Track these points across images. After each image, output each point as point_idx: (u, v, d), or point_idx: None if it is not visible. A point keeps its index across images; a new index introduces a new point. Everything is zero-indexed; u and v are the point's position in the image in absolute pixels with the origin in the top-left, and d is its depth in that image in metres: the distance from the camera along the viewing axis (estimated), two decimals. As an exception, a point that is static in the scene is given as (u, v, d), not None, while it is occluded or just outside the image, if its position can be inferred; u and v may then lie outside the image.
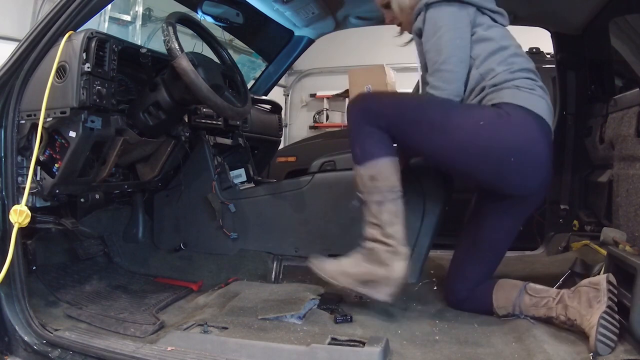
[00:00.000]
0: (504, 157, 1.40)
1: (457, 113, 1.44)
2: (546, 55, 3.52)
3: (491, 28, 1.52)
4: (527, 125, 1.41)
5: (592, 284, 1.35)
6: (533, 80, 1.48)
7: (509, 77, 1.46)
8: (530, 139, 1.41)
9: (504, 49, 1.49)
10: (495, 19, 1.55)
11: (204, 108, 2.11)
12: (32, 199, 1.55)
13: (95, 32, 1.48)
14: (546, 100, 1.48)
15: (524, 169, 1.42)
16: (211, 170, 2.10)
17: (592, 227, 2.17)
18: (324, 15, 2.36)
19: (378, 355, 1.18)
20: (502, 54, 1.49)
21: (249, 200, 2.08)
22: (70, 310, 1.61)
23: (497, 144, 1.39)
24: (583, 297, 1.34)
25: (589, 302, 1.32)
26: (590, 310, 1.30)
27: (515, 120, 1.39)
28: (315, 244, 1.97)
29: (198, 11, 2.16)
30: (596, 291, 1.33)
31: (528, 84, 1.46)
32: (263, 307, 1.52)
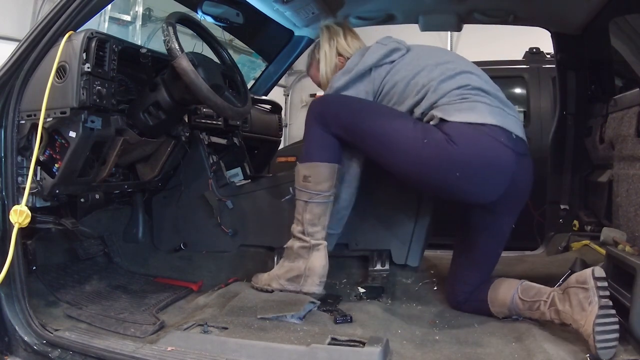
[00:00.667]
0: (449, 173, 1.41)
1: (404, 129, 1.47)
2: (546, 55, 3.52)
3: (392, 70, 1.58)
4: (466, 139, 1.40)
5: (580, 282, 1.30)
6: (461, 88, 1.48)
7: (431, 100, 1.49)
8: (472, 152, 1.40)
9: (413, 79, 1.54)
10: (392, 60, 1.60)
11: (204, 108, 2.11)
12: (32, 199, 1.54)
13: (95, 32, 1.48)
14: (480, 101, 1.46)
15: (476, 180, 1.42)
16: (207, 168, 2.11)
17: (592, 227, 2.17)
18: (324, 15, 2.36)
19: (378, 355, 1.18)
20: (413, 84, 1.53)
21: (245, 196, 2.09)
22: (70, 310, 1.61)
23: (441, 163, 1.41)
24: (573, 299, 1.30)
25: (581, 305, 1.27)
26: (584, 314, 1.25)
27: (452, 139, 1.40)
28: None
29: (198, 11, 2.16)
30: (585, 291, 1.28)
31: (455, 95, 1.47)
32: (263, 307, 1.52)
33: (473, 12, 2.22)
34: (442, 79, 1.50)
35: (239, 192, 2.12)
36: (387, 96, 1.60)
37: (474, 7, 2.18)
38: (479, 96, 1.48)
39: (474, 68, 1.58)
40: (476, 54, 4.38)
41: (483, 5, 2.18)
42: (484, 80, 1.55)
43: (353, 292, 1.80)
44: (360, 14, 2.37)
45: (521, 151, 1.48)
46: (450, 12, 2.27)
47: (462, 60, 1.61)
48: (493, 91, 1.52)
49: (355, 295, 1.76)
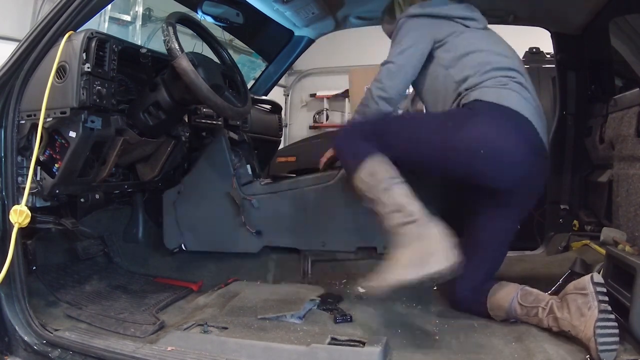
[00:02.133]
0: (474, 150, 1.43)
1: (428, 123, 1.57)
2: (546, 55, 3.52)
3: (462, 34, 1.64)
4: (494, 117, 1.46)
5: (578, 289, 1.31)
6: (508, 77, 1.54)
7: (480, 79, 1.53)
8: (497, 130, 1.45)
9: (474, 53, 1.59)
10: (467, 24, 1.67)
11: (204, 108, 2.10)
12: (32, 199, 1.55)
13: (95, 32, 1.48)
14: (520, 94, 1.51)
15: (496, 159, 1.45)
16: (230, 165, 2.04)
17: (592, 227, 2.17)
18: (324, 15, 2.36)
19: (378, 355, 1.18)
20: (472, 57, 1.59)
21: (272, 196, 2.02)
22: (70, 310, 1.61)
23: (465, 140, 1.45)
24: (572, 305, 1.29)
25: (580, 311, 1.27)
26: (583, 320, 1.25)
27: (481, 114, 1.46)
28: (343, 238, 1.96)
29: (198, 11, 2.16)
30: (584, 296, 1.28)
31: (499, 82, 1.52)
32: (263, 307, 1.52)
33: (473, 12, 2.22)
34: (496, 67, 1.56)
35: (266, 191, 2.04)
36: (444, 51, 1.64)
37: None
38: (522, 91, 1.52)
39: (524, 71, 1.64)
40: (476, 54, 4.39)
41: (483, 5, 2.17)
42: (529, 83, 1.60)
43: (353, 292, 1.80)
44: (360, 14, 2.36)
45: (540, 152, 1.52)
46: (450, 12, 2.27)
47: (518, 59, 1.67)
48: (534, 95, 1.57)
49: (355, 295, 1.76)
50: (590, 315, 1.24)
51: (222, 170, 2.04)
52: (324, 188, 1.98)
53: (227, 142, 2.07)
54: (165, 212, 2.10)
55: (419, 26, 1.67)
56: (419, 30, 1.67)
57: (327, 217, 1.97)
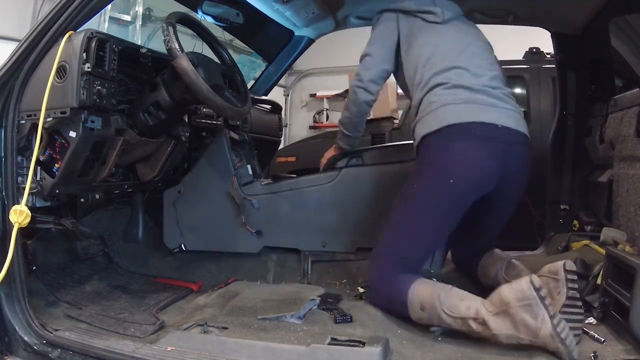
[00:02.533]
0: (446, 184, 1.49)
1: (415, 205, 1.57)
2: (546, 55, 3.52)
3: (419, 32, 1.70)
4: (447, 150, 1.50)
5: (551, 273, 1.37)
6: (445, 86, 1.56)
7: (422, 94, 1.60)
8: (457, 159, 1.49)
9: (422, 56, 1.64)
10: (426, 19, 1.72)
11: (204, 108, 2.10)
12: (32, 199, 1.55)
13: (95, 32, 1.48)
14: (457, 102, 1.52)
15: (471, 180, 1.50)
16: (231, 165, 2.03)
17: (592, 227, 2.17)
18: (324, 15, 2.36)
19: (378, 355, 1.18)
20: (421, 60, 1.64)
21: (272, 196, 2.02)
22: (70, 310, 1.61)
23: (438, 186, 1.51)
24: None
25: (550, 294, 1.32)
26: (552, 302, 1.30)
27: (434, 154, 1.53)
28: (344, 238, 1.97)
29: (198, 11, 2.16)
30: (555, 281, 1.35)
31: (440, 98, 1.54)
32: (263, 307, 1.52)
33: (473, 12, 2.22)
34: (438, 71, 1.59)
35: (266, 191, 2.03)
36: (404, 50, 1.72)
37: (474, 7, 2.18)
38: (456, 95, 1.54)
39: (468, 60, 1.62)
40: (476, 54, 4.39)
41: (483, 5, 2.18)
42: (473, 72, 1.59)
43: (353, 292, 1.81)
44: (360, 14, 2.36)
45: (511, 140, 1.54)
46: (450, 12, 2.26)
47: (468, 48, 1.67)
48: (477, 84, 1.56)
49: (355, 295, 1.76)
50: (559, 300, 1.31)
51: (222, 170, 2.03)
52: (324, 188, 1.98)
53: (228, 142, 2.07)
54: (165, 212, 2.10)
55: (385, 20, 1.77)
56: (384, 23, 1.76)
57: (328, 218, 1.97)
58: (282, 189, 2.03)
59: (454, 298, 1.40)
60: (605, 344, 1.29)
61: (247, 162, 2.24)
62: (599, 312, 1.45)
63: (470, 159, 1.48)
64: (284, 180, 2.07)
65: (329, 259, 2.01)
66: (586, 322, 1.43)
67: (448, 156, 1.49)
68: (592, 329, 1.38)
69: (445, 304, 1.38)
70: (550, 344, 1.22)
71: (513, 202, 1.69)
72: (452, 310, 1.37)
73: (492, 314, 1.31)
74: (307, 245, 2.00)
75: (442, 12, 1.71)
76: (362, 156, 1.99)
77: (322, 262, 2.00)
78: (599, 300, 1.47)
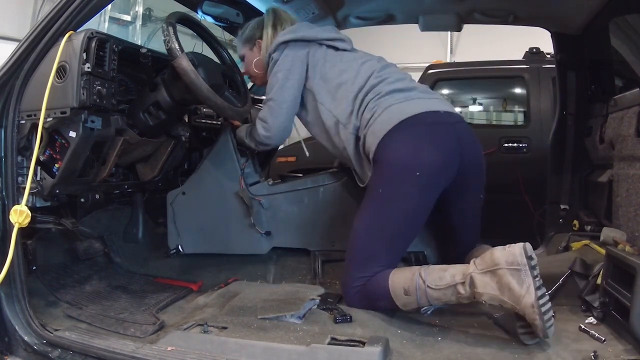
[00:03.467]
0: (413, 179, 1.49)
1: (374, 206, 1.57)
2: (546, 55, 3.52)
3: (332, 59, 1.72)
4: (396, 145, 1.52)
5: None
6: (378, 95, 1.60)
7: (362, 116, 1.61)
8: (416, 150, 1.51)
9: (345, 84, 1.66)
10: (336, 46, 1.74)
11: (204, 108, 2.10)
12: (32, 199, 1.54)
13: (96, 32, 1.48)
14: (396, 103, 1.57)
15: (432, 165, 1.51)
16: (237, 165, 2.00)
17: (592, 227, 2.17)
18: (324, 15, 2.36)
19: (378, 355, 1.18)
20: (345, 90, 1.65)
21: (281, 196, 2.00)
22: (70, 310, 1.61)
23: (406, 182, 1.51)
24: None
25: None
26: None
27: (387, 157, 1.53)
28: None
29: (198, 11, 2.16)
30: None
31: (373, 110, 1.58)
32: (263, 307, 1.52)
33: (473, 12, 2.22)
34: (365, 92, 1.63)
35: (274, 191, 2.01)
36: (318, 81, 1.70)
37: (474, 7, 2.18)
38: (393, 97, 1.59)
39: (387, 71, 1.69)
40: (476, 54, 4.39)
41: (483, 5, 2.18)
42: (396, 78, 1.66)
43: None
44: (360, 14, 2.37)
45: (454, 120, 1.61)
46: (450, 12, 2.27)
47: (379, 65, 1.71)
48: (406, 86, 1.65)
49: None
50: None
51: (229, 170, 2.00)
52: (333, 187, 1.98)
53: (234, 141, 2.03)
54: (169, 214, 2.05)
55: (290, 55, 1.70)
56: (289, 59, 1.70)
57: (337, 216, 1.96)
58: (290, 189, 2.01)
59: (436, 271, 1.41)
60: (606, 344, 1.29)
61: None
62: (599, 312, 1.45)
63: (430, 146, 1.52)
64: (292, 180, 2.07)
65: (339, 258, 2.00)
66: (586, 322, 1.43)
67: (408, 151, 1.51)
68: (592, 328, 1.38)
69: (429, 280, 1.39)
70: (529, 315, 1.23)
71: (479, 185, 1.69)
72: (437, 283, 1.38)
73: (480, 272, 1.32)
74: (316, 245, 1.99)
75: (349, 40, 1.77)
76: None
77: (332, 261, 2.00)
78: (599, 300, 1.47)
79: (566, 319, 1.47)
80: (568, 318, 1.47)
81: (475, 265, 1.35)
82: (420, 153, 1.50)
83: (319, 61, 1.71)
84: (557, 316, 1.46)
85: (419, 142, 1.52)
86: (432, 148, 1.51)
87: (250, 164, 2.09)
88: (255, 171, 2.11)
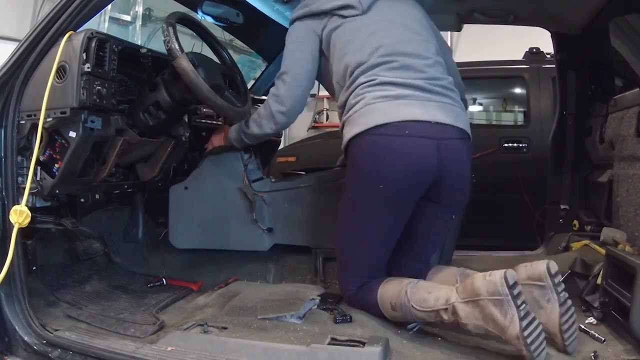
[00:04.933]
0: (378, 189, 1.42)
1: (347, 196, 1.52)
2: (546, 55, 3.52)
3: (338, 30, 1.56)
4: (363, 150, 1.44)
5: (533, 279, 1.26)
6: (369, 85, 1.46)
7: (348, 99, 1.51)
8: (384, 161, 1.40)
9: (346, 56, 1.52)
10: (343, 14, 1.56)
11: (204, 108, 2.10)
12: (32, 199, 1.54)
13: (95, 32, 1.48)
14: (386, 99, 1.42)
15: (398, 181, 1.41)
16: (240, 160, 1.98)
17: (592, 227, 2.17)
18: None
19: (378, 355, 1.18)
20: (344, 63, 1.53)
21: (283, 193, 1.99)
22: (70, 310, 1.61)
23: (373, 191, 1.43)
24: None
25: (536, 302, 1.24)
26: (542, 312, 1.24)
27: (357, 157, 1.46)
28: None
29: (198, 11, 2.16)
30: (541, 288, 1.25)
31: (358, 98, 1.46)
32: (263, 307, 1.52)
33: (473, 12, 2.22)
34: (360, 72, 1.49)
35: (277, 188, 2.00)
36: (328, 53, 1.60)
37: (474, 7, 2.18)
38: (383, 91, 1.44)
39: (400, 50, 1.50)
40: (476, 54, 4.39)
41: (483, 5, 2.18)
42: (403, 64, 1.47)
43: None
44: (360, 14, 2.36)
45: (446, 136, 1.42)
46: (450, 12, 2.27)
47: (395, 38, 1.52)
48: (408, 78, 1.46)
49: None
50: (551, 308, 1.23)
51: (232, 166, 1.99)
52: (336, 185, 1.98)
53: None
54: (171, 209, 2.03)
55: (301, 28, 1.63)
56: (302, 32, 1.62)
57: None
58: (293, 186, 2.01)
59: (421, 291, 1.36)
60: (606, 344, 1.29)
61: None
62: (599, 312, 1.45)
63: (397, 161, 1.39)
64: (295, 178, 2.06)
65: None
66: (586, 322, 1.43)
67: (374, 161, 1.41)
68: (592, 328, 1.38)
69: (414, 299, 1.35)
70: (515, 345, 1.18)
71: (454, 207, 1.57)
72: (421, 305, 1.34)
73: (462, 301, 1.26)
74: (318, 243, 1.99)
75: (360, 2, 1.55)
76: None
77: (334, 260, 2.00)
78: (599, 300, 1.47)
79: (566, 319, 1.46)
80: (568, 318, 1.47)
81: (457, 293, 1.28)
82: (384, 167, 1.40)
83: (332, 32, 1.59)
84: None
85: (387, 154, 1.40)
86: (398, 163, 1.39)
87: (254, 161, 2.08)
88: (258, 168, 2.10)
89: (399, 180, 1.40)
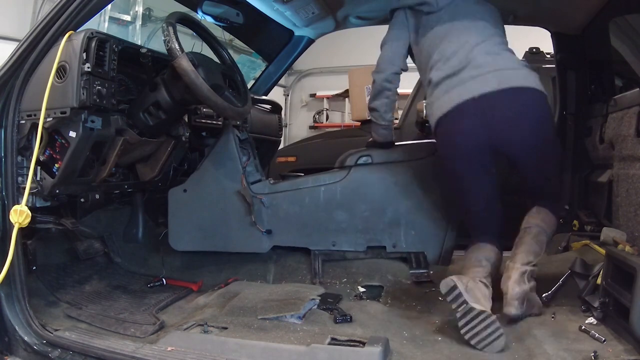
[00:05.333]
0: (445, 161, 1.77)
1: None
2: (546, 55, 3.52)
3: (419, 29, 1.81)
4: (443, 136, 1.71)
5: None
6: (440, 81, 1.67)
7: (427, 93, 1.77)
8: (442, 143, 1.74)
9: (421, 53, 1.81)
10: (422, 10, 1.79)
11: (204, 108, 2.10)
12: (32, 199, 1.54)
13: (95, 32, 1.48)
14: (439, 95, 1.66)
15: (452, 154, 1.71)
16: (239, 163, 2.00)
17: (592, 227, 2.17)
18: (324, 15, 2.36)
19: (378, 355, 1.18)
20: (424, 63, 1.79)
21: (282, 195, 2.01)
22: (70, 310, 1.61)
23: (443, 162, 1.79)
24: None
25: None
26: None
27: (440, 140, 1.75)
28: (353, 237, 1.98)
29: (198, 11, 2.16)
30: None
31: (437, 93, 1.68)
32: (263, 307, 1.52)
33: (473, 12, 2.21)
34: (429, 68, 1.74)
35: (275, 190, 2.01)
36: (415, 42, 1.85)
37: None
38: (438, 90, 1.68)
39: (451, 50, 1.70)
40: (476, 54, 4.39)
41: (483, 5, 2.18)
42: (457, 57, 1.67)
43: (353, 291, 1.80)
44: (360, 14, 2.36)
45: (487, 103, 1.59)
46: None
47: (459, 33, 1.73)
48: (460, 65, 1.65)
49: (355, 295, 1.76)
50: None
51: (231, 167, 2.00)
52: (334, 187, 1.99)
53: (236, 140, 2.03)
54: (170, 212, 2.03)
55: (395, 20, 1.88)
56: (396, 23, 1.88)
57: (337, 217, 1.98)
58: (291, 187, 2.02)
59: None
60: (606, 344, 1.29)
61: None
62: (599, 312, 1.45)
63: (451, 144, 1.69)
64: (293, 180, 2.07)
65: (339, 258, 2.01)
66: (586, 322, 1.43)
67: (439, 143, 1.76)
68: (592, 328, 1.38)
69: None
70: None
71: (527, 160, 1.72)
72: None
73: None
74: (317, 245, 2.00)
75: (436, 0, 1.77)
76: (370, 155, 2.01)
77: (332, 261, 2.01)
78: (599, 300, 1.46)
79: (566, 319, 1.46)
80: (568, 318, 1.47)
81: None
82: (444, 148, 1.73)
83: (415, 26, 1.82)
84: (557, 316, 1.47)
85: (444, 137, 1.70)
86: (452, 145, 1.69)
87: (252, 163, 2.09)
88: (256, 170, 2.11)
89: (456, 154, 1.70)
